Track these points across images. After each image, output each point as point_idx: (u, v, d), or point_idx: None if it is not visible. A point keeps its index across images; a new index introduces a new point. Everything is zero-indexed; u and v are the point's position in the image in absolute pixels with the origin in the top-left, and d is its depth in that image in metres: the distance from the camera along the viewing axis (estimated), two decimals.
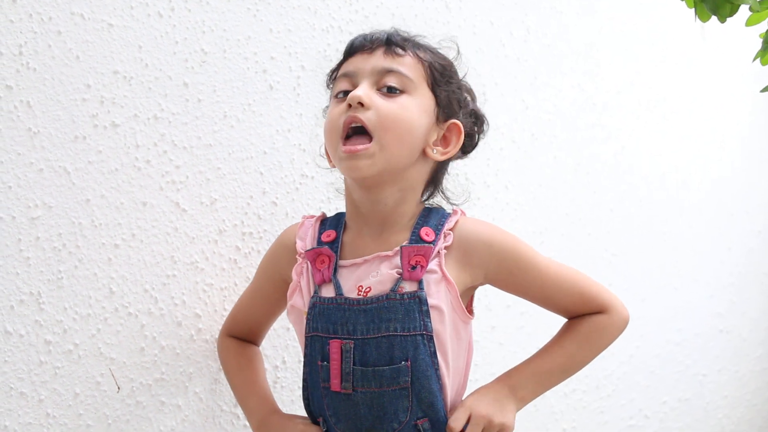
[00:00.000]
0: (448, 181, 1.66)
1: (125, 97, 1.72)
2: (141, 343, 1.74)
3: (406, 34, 1.57)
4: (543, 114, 2.42)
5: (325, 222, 1.62)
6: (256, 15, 1.88)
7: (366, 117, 1.46)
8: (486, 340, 2.28)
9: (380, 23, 2.06)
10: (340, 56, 1.64)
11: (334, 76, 1.61)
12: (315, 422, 1.54)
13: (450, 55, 1.62)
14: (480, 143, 1.65)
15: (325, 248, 1.54)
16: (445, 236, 1.52)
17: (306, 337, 1.52)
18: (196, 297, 1.81)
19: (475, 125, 1.62)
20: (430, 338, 1.45)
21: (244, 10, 1.87)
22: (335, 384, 1.47)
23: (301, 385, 1.58)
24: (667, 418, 2.75)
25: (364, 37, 1.55)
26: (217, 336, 1.82)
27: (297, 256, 1.59)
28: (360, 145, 1.46)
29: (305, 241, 1.59)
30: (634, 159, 2.64)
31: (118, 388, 1.73)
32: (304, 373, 1.54)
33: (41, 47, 1.63)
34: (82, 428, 1.68)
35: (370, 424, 1.46)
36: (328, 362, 1.47)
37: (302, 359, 1.56)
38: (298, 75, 1.95)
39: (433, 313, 1.46)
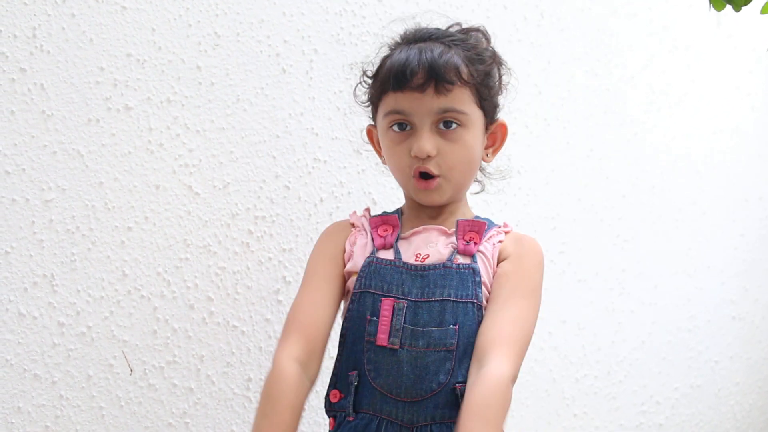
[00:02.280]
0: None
1: (138, 80, 1.72)
2: (153, 325, 1.75)
3: (440, 51, 1.54)
4: (556, 99, 2.41)
5: (375, 215, 1.66)
6: None
7: (433, 166, 1.55)
8: None
9: (393, 7, 2.05)
10: (376, 54, 1.63)
11: (376, 95, 1.61)
12: (342, 378, 1.54)
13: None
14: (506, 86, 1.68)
15: (392, 217, 1.63)
16: (498, 232, 1.61)
17: (355, 292, 1.55)
18: (208, 280, 1.81)
19: (501, 82, 1.67)
20: (480, 307, 1.51)
21: None
22: (382, 339, 1.50)
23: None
24: (679, 405, 2.74)
25: (410, 70, 1.52)
26: (228, 318, 1.82)
27: (351, 228, 1.64)
28: (434, 182, 1.56)
29: (361, 220, 1.65)
30: (647, 145, 2.63)
31: (131, 370, 1.73)
32: (343, 328, 1.56)
33: (55, 30, 1.63)
34: (94, 410, 1.69)
35: (410, 382, 1.49)
36: (378, 318, 1.51)
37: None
38: (311, 59, 1.94)
39: (483, 288, 1.54)
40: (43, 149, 1.62)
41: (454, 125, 1.55)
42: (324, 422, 1.93)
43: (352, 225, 1.65)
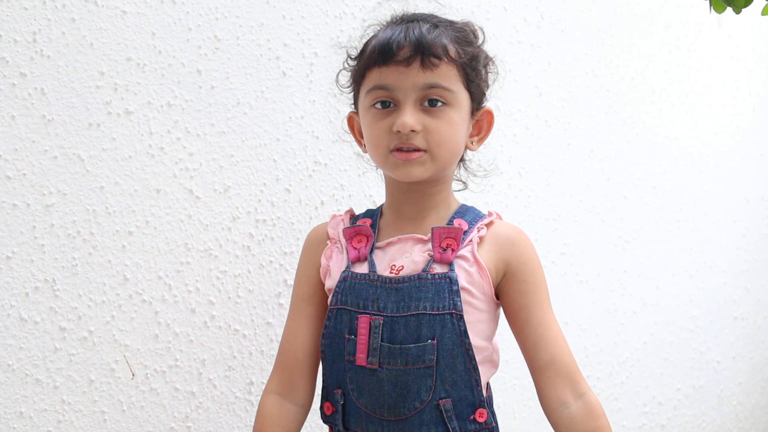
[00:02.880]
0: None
1: (139, 84, 1.72)
2: (155, 330, 1.75)
3: (428, 27, 1.53)
4: (556, 100, 2.41)
5: (357, 216, 1.64)
6: (269, 1, 1.88)
7: (418, 141, 1.49)
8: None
9: (393, 9, 2.05)
10: (353, 41, 1.63)
11: (359, 72, 1.57)
12: (331, 393, 1.54)
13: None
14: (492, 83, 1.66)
15: (365, 227, 1.58)
16: (479, 229, 1.55)
17: (330, 309, 1.53)
18: (209, 284, 1.81)
19: (488, 74, 1.63)
20: (460, 317, 1.47)
21: None
22: (361, 359, 1.48)
23: None
24: (681, 405, 2.74)
25: (396, 43, 1.50)
26: (230, 322, 1.82)
27: (327, 241, 1.60)
28: (415, 153, 1.50)
29: (337, 229, 1.61)
30: (648, 146, 2.63)
31: (133, 374, 1.73)
32: (322, 345, 1.54)
33: (55, 34, 1.63)
34: (96, 414, 1.69)
35: (393, 401, 1.47)
36: (356, 336, 1.49)
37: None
38: (311, 62, 1.94)
39: (464, 294, 1.49)
40: (44, 154, 1.62)
41: (439, 103, 1.50)
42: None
43: (329, 237, 1.61)
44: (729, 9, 1.48)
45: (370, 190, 2.02)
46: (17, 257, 1.61)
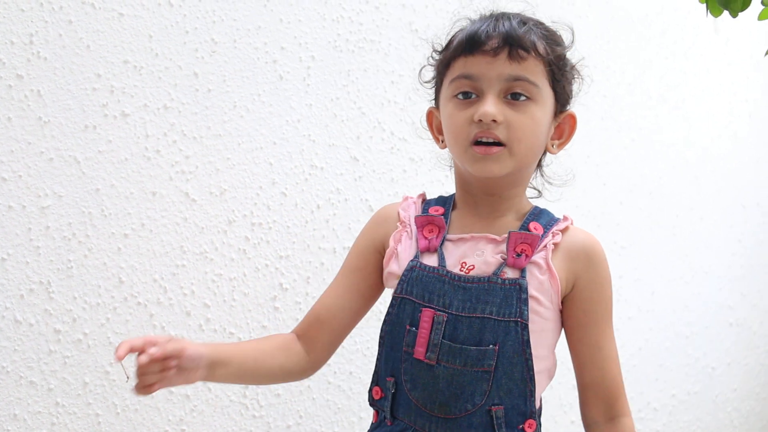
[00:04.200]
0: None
1: (135, 86, 1.72)
2: (150, 332, 1.75)
3: (518, 22, 1.51)
4: None
5: (428, 201, 1.61)
6: (266, 5, 1.88)
7: (499, 132, 1.45)
8: None
9: (391, 14, 2.05)
10: (447, 34, 1.60)
11: (444, 62, 1.53)
12: (383, 380, 1.52)
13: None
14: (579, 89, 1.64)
15: (438, 218, 1.54)
16: (553, 235, 1.52)
17: (395, 297, 1.50)
18: (205, 287, 1.81)
19: (574, 78, 1.61)
20: (525, 326, 1.45)
21: (255, 0, 1.87)
22: (419, 352, 1.46)
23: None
24: (676, 411, 2.74)
25: (485, 33, 1.47)
26: (225, 325, 1.82)
27: (398, 224, 1.58)
28: (495, 148, 1.46)
29: (408, 213, 1.58)
30: (644, 151, 2.63)
31: (128, 377, 1.72)
32: (382, 330, 1.51)
33: (52, 36, 1.63)
34: (91, 417, 1.69)
35: (445, 399, 1.45)
36: (417, 329, 1.47)
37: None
38: (308, 65, 1.94)
39: (532, 303, 1.46)
40: (40, 156, 1.62)
41: (522, 97, 1.46)
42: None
43: (400, 220, 1.56)
44: (726, 13, 1.48)
45: (366, 194, 2.02)
46: (12, 259, 1.61)
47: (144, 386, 1.32)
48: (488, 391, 1.45)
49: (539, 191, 1.65)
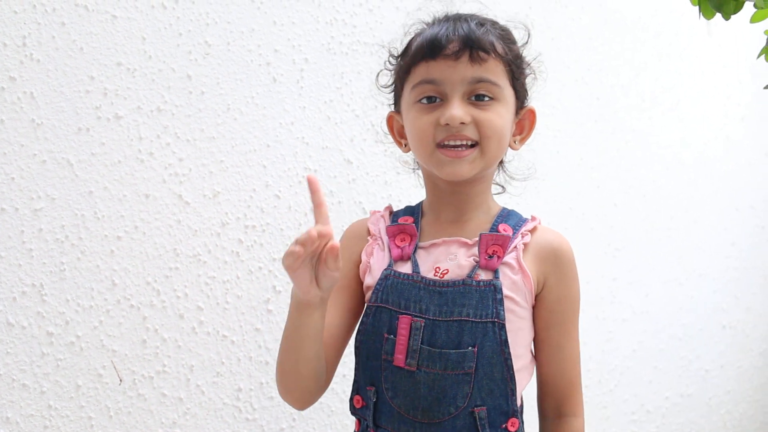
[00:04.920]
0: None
1: (128, 89, 1.72)
2: (143, 335, 1.74)
3: (476, 24, 1.52)
4: (547, 108, 2.42)
5: (397, 212, 1.62)
6: (260, 7, 1.88)
7: (469, 132, 1.48)
8: None
9: (384, 16, 2.05)
10: (403, 37, 1.60)
11: (405, 68, 1.54)
12: (363, 389, 1.53)
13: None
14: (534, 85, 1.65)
15: (409, 226, 1.56)
16: (523, 235, 1.54)
17: (369, 306, 1.51)
18: (198, 290, 1.81)
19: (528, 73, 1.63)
20: (502, 326, 1.46)
21: (248, 2, 1.87)
22: (399, 359, 1.47)
23: None
24: (670, 414, 2.74)
25: (445, 37, 1.49)
26: (218, 328, 1.82)
27: (368, 237, 1.58)
28: (466, 150, 1.48)
29: (378, 226, 1.59)
30: (639, 154, 2.64)
31: (120, 380, 1.73)
32: (357, 341, 1.52)
33: (45, 38, 1.63)
34: (83, 420, 1.69)
35: (427, 404, 1.46)
36: (395, 336, 1.48)
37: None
38: (301, 68, 1.94)
39: (507, 303, 1.48)
40: (33, 158, 1.62)
41: (486, 98, 1.49)
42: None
43: (370, 234, 1.59)
44: (718, 15, 1.48)
45: (359, 196, 2.02)
46: (5, 261, 1.60)
47: (292, 254, 1.31)
48: (470, 393, 1.46)
49: (503, 187, 1.67)
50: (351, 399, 1.54)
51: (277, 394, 1.91)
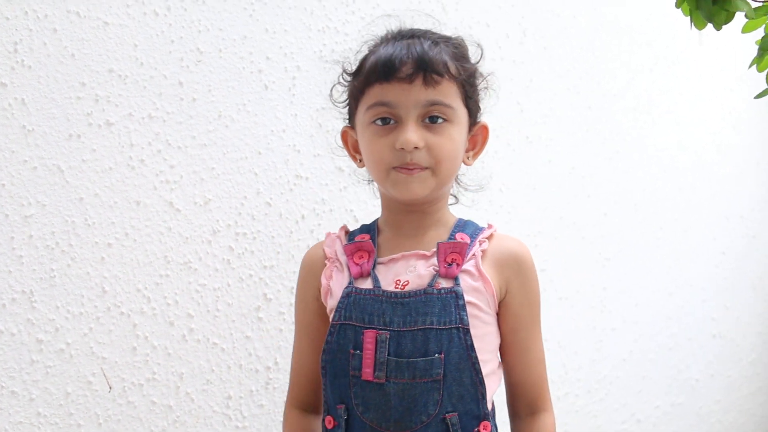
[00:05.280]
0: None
1: (120, 95, 1.72)
2: (133, 342, 1.74)
3: (429, 44, 1.53)
4: (538, 117, 2.42)
5: (353, 231, 1.63)
6: (252, 15, 1.88)
7: (421, 158, 1.50)
8: None
9: (376, 24, 2.05)
10: (349, 57, 1.62)
11: (359, 88, 1.56)
12: (333, 409, 1.53)
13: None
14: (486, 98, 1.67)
15: (366, 243, 1.57)
16: (480, 243, 1.57)
17: (333, 324, 1.52)
18: (188, 297, 1.80)
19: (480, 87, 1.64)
20: (466, 331, 1.48)
21: (240, 10, 1.86)
22: (367, 373, 1.48)
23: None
24: (660, 423, 2.74)
25: (398, 60, 1.50)
26: (208, 335, 1.81)
27: (325, 261, 1.59)
28: (416, 169, 1.50)
29: (333, 247, 1.60)
30: (630, 163, 2.64)
31: (110, 387, 1.72)
32: (323, 360, 1.53)
33: (36, 45, 1.63)
34: (73, 428, 1.68)
35: (399, 414, 1.47)
36: (361, 351, 1.48)
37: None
38: (293, 75, 1.94)
39: (471, 309, 1.50)
40: (24, 164, 1.61)
41: (440, 120, 1.50)
42: None
43: (326, 257, 1.60)
44: (710, 26, 1.49)
45: (351, 204, 2.02)
46: None
47: None
48: (440, 400, 1.48)
49: (456, 197, 1.70)
50: (323, 421, 1.55)
51: (267, 401, 1.90)
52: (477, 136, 1.62)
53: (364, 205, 2.04)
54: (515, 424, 1.60)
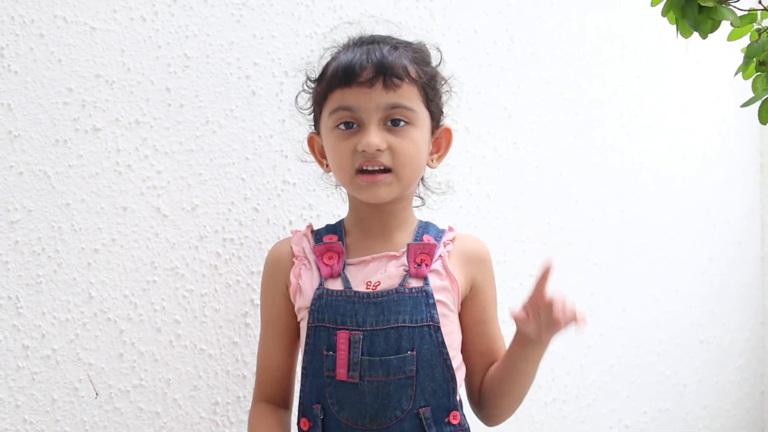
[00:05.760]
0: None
1: (107, 101, 1.71)
2: (120, 348, 1.73)
3: (388, 49, 1.58)
4: (526, 123, 2.42)
5: (319, 231, 1.67)
6: (239, 20, 1.88)
7: (384, 159, 1.55)
8: None
9: (365, 30, 2.05)
10: (311, 64, 1.66)
11: (322, 94, 1.62)
12: (309, 409, 1.55)
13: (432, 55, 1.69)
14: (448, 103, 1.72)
15: (337, 244, 1.62)
16: (445, 244, 1.63)
17: (309, 327, 1.56)
18: (176, 303, 1.80)
19: (443, 92, 1.71)
20: (437, 329, 1.54)
21: (228, 15, 1.86)
22: (341, 373, 1.53)
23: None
24: (648, 428, 2.75)
25: (359, 65, 1.56)
26: (195, 341, 1.81)
27: (293, 259, 1.62)
28: (381, 175, 1.56)
29: (301, 245, 1.63)
30: (617, 169, 2.65)
31: (96, 394, 1.71)
32: (303, 361, 1.58)
33: (23, 50, 1.62)
34: None
35: (374, 412, 1.52)
36: (335, 352, 1.52)
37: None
38: (281, 81, 1.94)
39: (440, 307, 1.56)
40: (10, 170, 1.61)
41: (402, 123, 1.55)
42: None
43: (294, 255, 1.64)
44: (696, 34, 1.50)
45: (338, 210, 2.02)
46: None
47: None
48: (413, 395, 1.53)
49: (423, 199, 1.76)
50: (298, 422, 1.58)
51: None
52: (441, 139, 1.67)
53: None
54: (481, 403, 1.67)
